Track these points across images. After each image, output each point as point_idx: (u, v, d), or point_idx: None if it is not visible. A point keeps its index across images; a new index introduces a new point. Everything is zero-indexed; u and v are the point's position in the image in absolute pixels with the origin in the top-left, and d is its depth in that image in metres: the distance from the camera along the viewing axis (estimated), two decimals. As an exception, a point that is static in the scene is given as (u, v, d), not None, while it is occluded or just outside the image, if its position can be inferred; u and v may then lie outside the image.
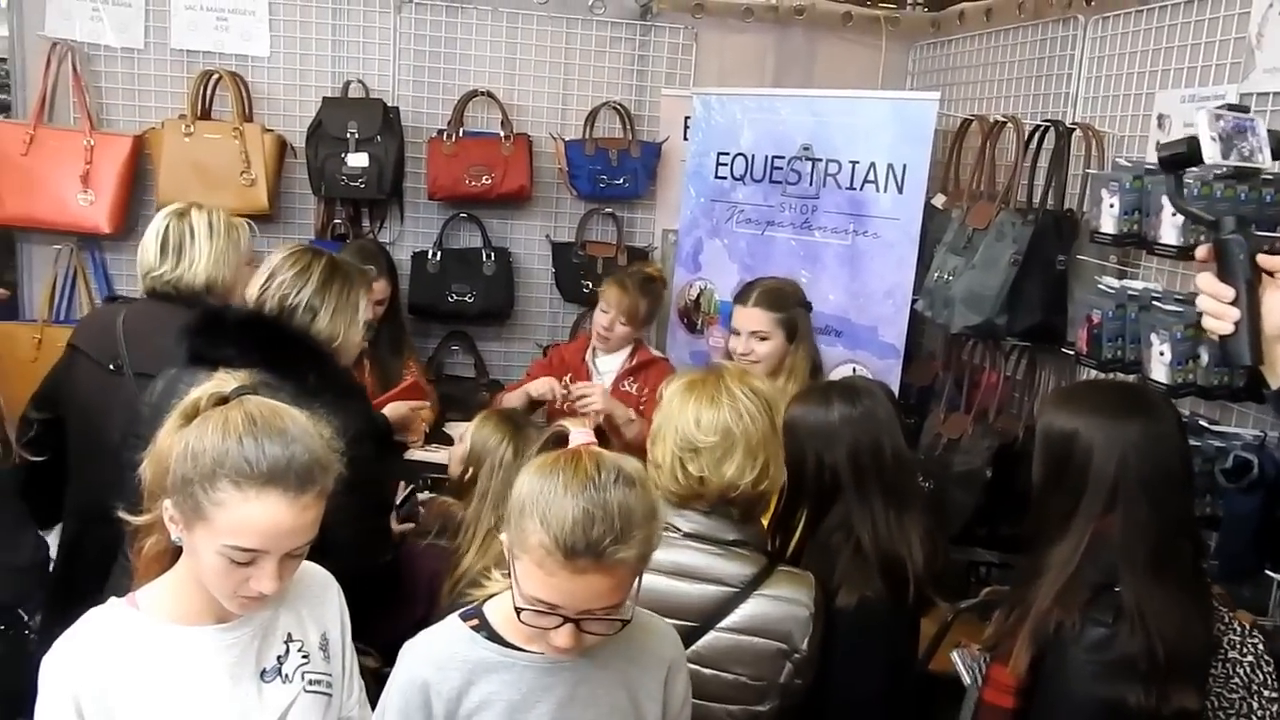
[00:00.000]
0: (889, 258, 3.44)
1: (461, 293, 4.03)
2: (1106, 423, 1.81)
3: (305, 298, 2.23)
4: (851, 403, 2.18)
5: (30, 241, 4.01)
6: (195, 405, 1.50)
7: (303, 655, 1.62)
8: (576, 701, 1.57)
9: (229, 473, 1.42)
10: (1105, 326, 2.56)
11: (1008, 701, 1.82)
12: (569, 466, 1.47)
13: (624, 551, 1.43)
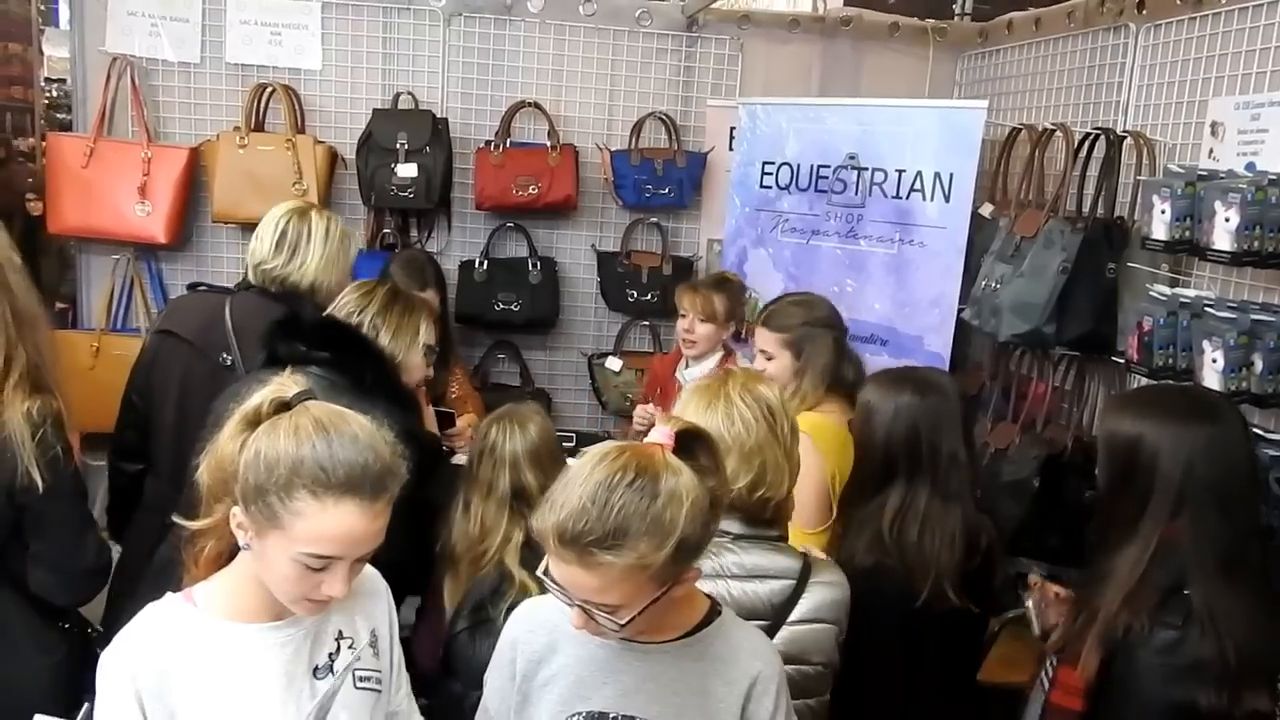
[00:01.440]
0: (935, 266, 3.43)
1: (508, 301, 4.06)
2: (1172, 427, 1.82)
3: (368, 317, 2.40)
4: (921, 394, 2.23)
5: (89, 252, 4.10)
6: (257, 411, 1.49)
7: (354, 653, 1.64)
8: (642, 693, 1.57)
9: (306, 482, 1.42)
10: (1156, 334, 2.53)
11: (1076, 704, 1.82)
12: (608, 458, 1.46)
13: (609, 556, 1.40)
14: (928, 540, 2.13)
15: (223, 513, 1.51)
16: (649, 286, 4.15)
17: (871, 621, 2.05)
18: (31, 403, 2.01)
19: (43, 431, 1.99)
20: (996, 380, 3.46)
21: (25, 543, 2.04)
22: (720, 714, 1.60)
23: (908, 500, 2.17)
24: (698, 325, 3.41)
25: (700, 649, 1.60)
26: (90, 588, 2.16)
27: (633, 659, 1.58)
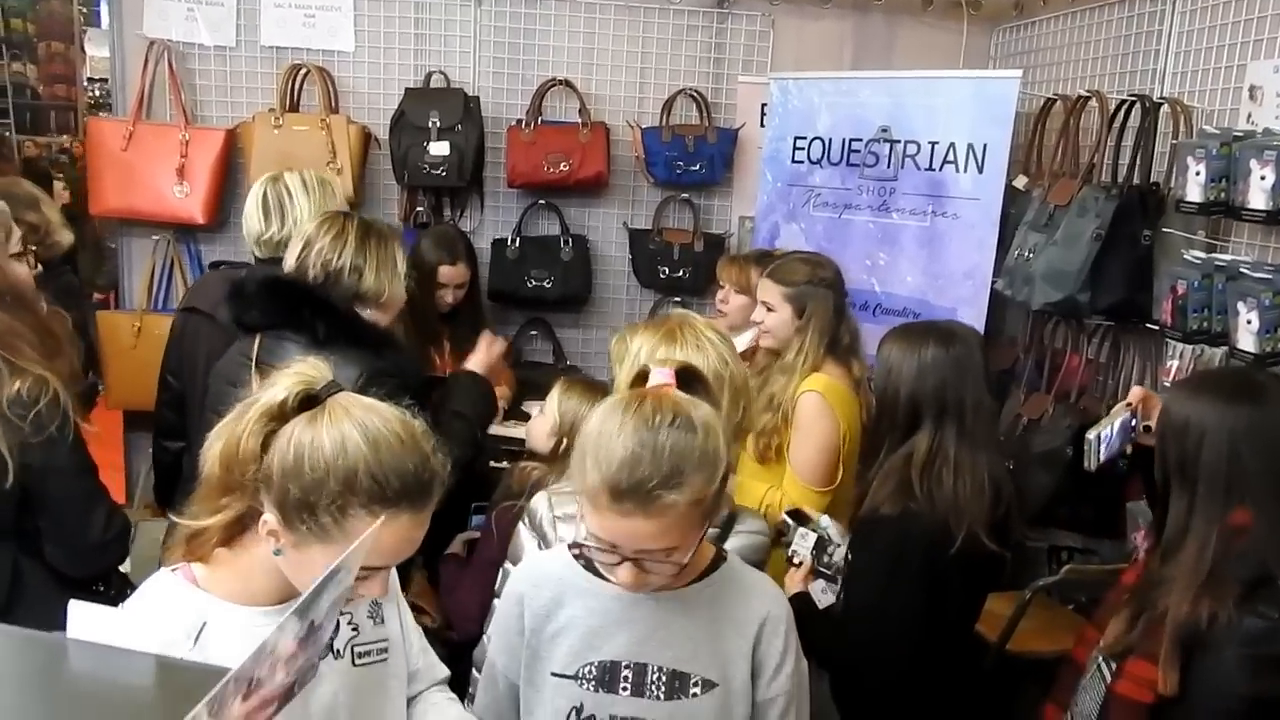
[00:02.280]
0: (969, 239, 3.39)
1: (540, 279, 4.08)
2: (1217, 409, 1.76)
3: (348, 259, 2.31)
4: (945, 346, 2.21)
5: (130, 234, 4.18)
6: (282, 407, 1.35)
7: (352, 628, 1.58)
8: (654, 639, 1.58)
9: (362, 500, 1.31)
10: (1191, 297, 2.50)
11: (1148, 697, 1.75)
12: (631, 406, 1.48)
13: (671, 495, 1.42)
14: (960, 487, 2.11)
15: (236, 510, 1.40)
16: (680, 263, 4.15)
17: (900, 569, 2.06)
18: (22, 383, 2.00)
19: (36, 411, 1.99)
20: (1030, 352, 3.42)
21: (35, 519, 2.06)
22: (732, 656, 1.61)
23: (935, 448, 2.15)
24: (732, 296, 3.40)
25: (710, 593, 1.61)
26: (101, 561, 2.15)
27: (644, 607, 1.59)
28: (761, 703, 1.63)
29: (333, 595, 0.87)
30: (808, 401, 2.67)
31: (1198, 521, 1.74)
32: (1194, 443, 1.76)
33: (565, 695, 1.60)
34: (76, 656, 0.96)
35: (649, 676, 1.59)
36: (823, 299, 2.77)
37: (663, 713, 1.59)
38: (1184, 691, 1.70)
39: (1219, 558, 1.70)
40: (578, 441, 1.52)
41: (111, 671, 0.94)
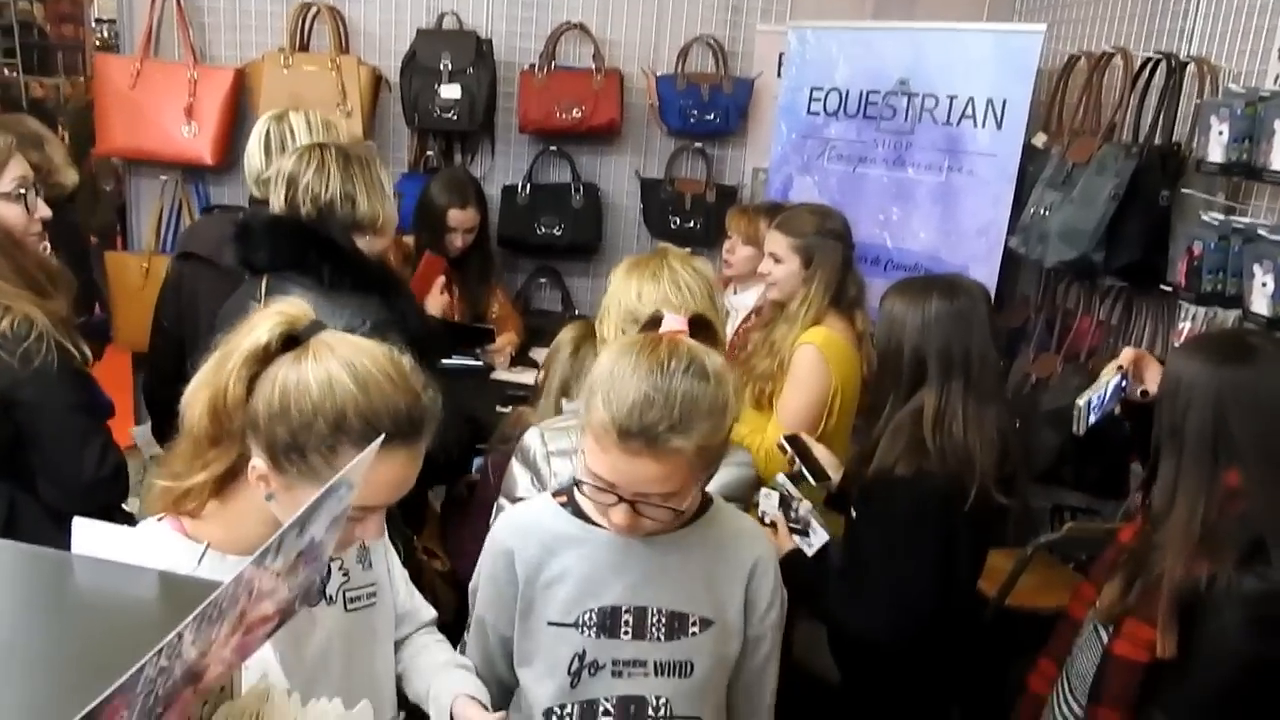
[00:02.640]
0: (984, 195, 3.36)
1: (550, 226, 4.06)
2: (1208, 370, 1.72)
3: (336, 189, 2.27)
4: (949, 299, 2.18)
5: (138, 174, 4.15)
6: (265, 349, 1.30)
7: (343, 573, 1.57)
8: (650, 584, 1.59)
9: (351, 437, 1.26)
10: (1206, 259, 2.47)
11: (1144, 657, 1.74)
12: (645, 349, 1.48)
13: (679, 440, 1.42)
14: (971, 441, 2.09)
15: (227, 461, 1.35)
16: (692, 214, 4.12)
17: (917, 531, 2.05)
18: (8, 320, 1.98)
19: (24, 347, 1.97)
20: (1041, 312, 3.40)
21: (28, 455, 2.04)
22: (726, 597, 1.64)
23: (944, 404, 2.12)
24: (738, 247, 3.38)
25: (700, 536, 1.62)
26: (94, 499, 2.09)
27: (640, 552, 1.59)
28: (752, 639, 1.68)
29: (332, 512, 0.86)
30: (803, 354, 2.67)
31: (1187, 483, 1.71)
32: (1183, 403, 1.73)
33: (567, 643, 1.60)
34: (81, 572, 0.96)
35: (649, 619, 1.60)
36: (830, 250, 2.75)
37: (664, 653, 1.60)
38: (1183, 653, 1.69)
39: (1213, 520, 1.68)
40: (588, 379, 1.52)
41: (116, 586, 0.94)
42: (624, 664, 1.59)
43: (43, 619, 0.91)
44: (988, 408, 2.14)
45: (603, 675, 1.59)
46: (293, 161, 2.31)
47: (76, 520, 0.95)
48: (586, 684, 1.60)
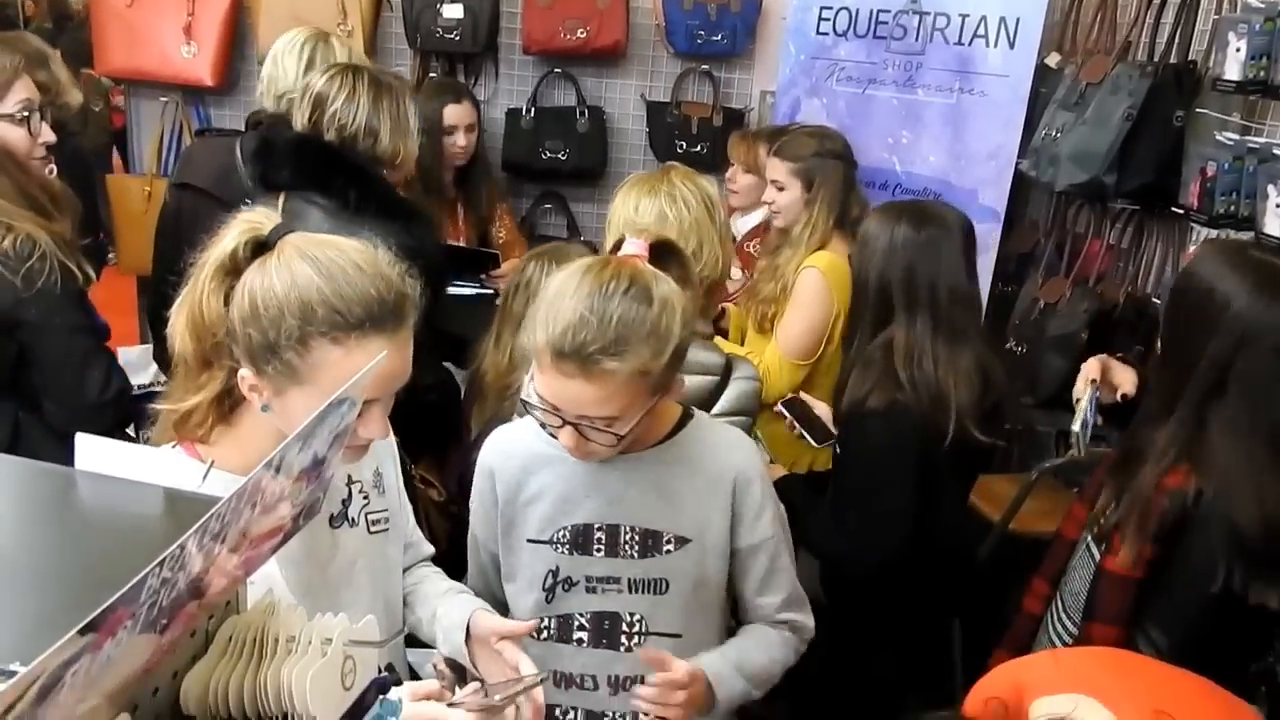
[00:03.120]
0: (995, 118, 3.30)
1: (555, 151, 4.01)
2: (1264, 298, 1.64)
3: (363, 121, 2.26)
4: (917, 227, 2.13)
5: (138, 95, 4.10)
6: (233, 258, 1.30)
7: (363, 496, 1.58)
8: (624, 501, 1.61)
9: (321, 328, 1.25)
10: (1220, 179, 2.44)
11: (1137, 573, 1.74)
12: (593, 271, 1.47)
13: (611, 363, 1.41)
14: (944, 379, 2.07)
15: (221, 380, 1.35)
16: (699, 138, 4.06)
17: (891, 462, 2.05)
18: (11, 240, 1.98)
19: (27, 267, 1.97)
20: (1050, 237, 3.36)
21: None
22: (704, 512, 1.63)
23: (914, 340, 2.10)
24: (739, 175, 3.34)
25: (678, 451, 1.62)
26: (98, 422, 2.05)
27: (612, 471, 1.61)
28: (744, 549, 1.66)
29: (334, 428, 0.86)
30: (806, 278, 2.66)
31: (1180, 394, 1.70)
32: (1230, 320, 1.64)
33: (542, 559, 1.64)
34: (86, 488, 0.97)
35: (621, 537, 1.62)
36: (831, 171, 2.72)
37: (638, 570, 1.63)
38: (1171, 567, 1.71)
39: (1196, 433, 1.68)
40: (537, 301, 1.51)
41: (120, 502, 0.94)
42: (597, 580, 1.63)
43: (47, 534, 0.92)
44: (961, 346, 2.10)
45: (577, 591, 1.63)
46: (324, 81, 2.28)
47: (80, 437, 0.96)
48: (561, 599, 1.64)
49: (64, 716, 0.68)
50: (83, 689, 0.67)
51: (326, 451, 0.88)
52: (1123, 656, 1.43)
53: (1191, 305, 1.71)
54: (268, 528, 0.86)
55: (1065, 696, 1.34)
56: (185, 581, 0.73)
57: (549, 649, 1.65)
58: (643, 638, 1.63)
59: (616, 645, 1.64)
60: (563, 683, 1.66)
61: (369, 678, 0.92)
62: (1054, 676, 1.42)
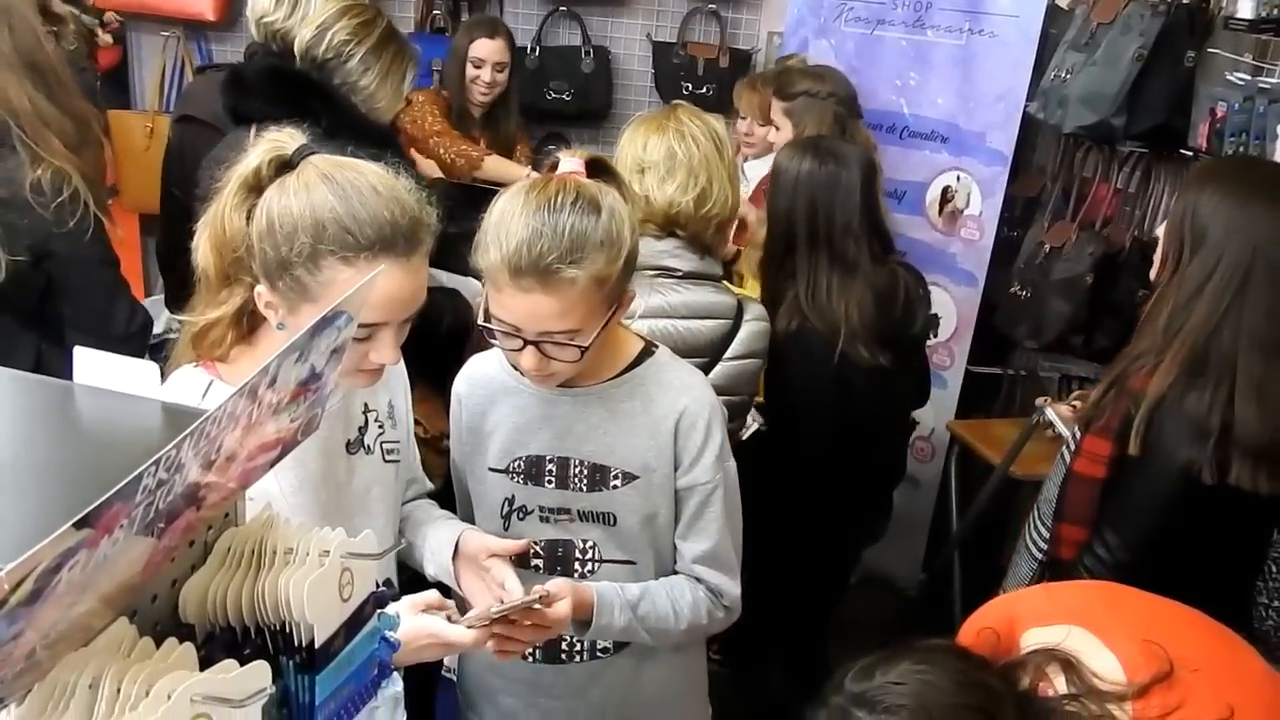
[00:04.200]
0: (1004, 59, 3.26)
1: (560, 91, 3.97)
2: (1253, 204, 1.72)
3: (362, 51, 2.26)
4: (819, 162, 2.28)
5: (139, 30, 4.06)
6: (257, 175, 1.32)
7: (379, 426, 1.60)
8: (573, 435, 1.62)
9: (333, 248, 1.27)
10: (1230, 120, 2.41)
11: (1099, 472, 1.82)
12: (535, 190, 1.47)
13: (570, 271, 1.41)
14: (838, 307, 2.23)
15: (241, 296, 1.37)
16: (705, 79, 4.02)
17: (805, 381, 2.17)
18: (43, 172, 1.99)
19: (59, 201, 1.99)
20: (1058, 180, 3.34)
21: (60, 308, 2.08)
22: (649, 450, 1.62)
23: (811, 275, 2.26)
24: (755, 128, 3.29)
25: (630, 388, 1.62)
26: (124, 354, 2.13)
27: (564, 404, 1.62)
28: (681, 491, 1.65)
29: (330, 342, 0.86)
30: None
31: (1204, 301, 1.73)
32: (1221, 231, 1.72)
33: (499, 488, 1.67)
34: (83, 401, 0.97)
35: (571, 470, 1.64)
36: (820, 111, 2.71)
37: (586, 503, 1.65)
38: (1128, 468, 1.77)
39: (1200, 337, 1.72)
40: (484, 222, 1.50)
41: (118, 416, 0.95)
42: (550, 510, 1.66)
43: (44, 446, 0.92)
44: (853, 275, 2.26)
45: (531, 520, 1.66)
46: (337, 9, 2.28)
47: (78, 350, 0.96)
48: (517, 527, 1.67)
49: (61, 616, 0.69)
50: (80, 589, 0.68)
51: (324, 367, 0.88)
52: (1115, 589, 1.44)
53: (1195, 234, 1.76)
54: (265, 440, 0.86)
55: (1057, 627, 1.35)
56: (182, 486, 0.74)
57: None
58: (596, 564, 1.66)
59: (570, 572, 1.66)
60: None
61: (367, 590, 0.92)
62: (1046, 608, 1.43)
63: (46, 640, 0.70)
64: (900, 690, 1.18)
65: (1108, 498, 1.82)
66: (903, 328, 2.36)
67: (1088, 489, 1.84)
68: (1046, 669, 1.30)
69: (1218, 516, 1.75)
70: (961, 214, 3.40)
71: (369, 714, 0.96)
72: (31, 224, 2.00)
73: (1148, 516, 1.77)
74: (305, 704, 0.87)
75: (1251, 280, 1.71)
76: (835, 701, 1.20)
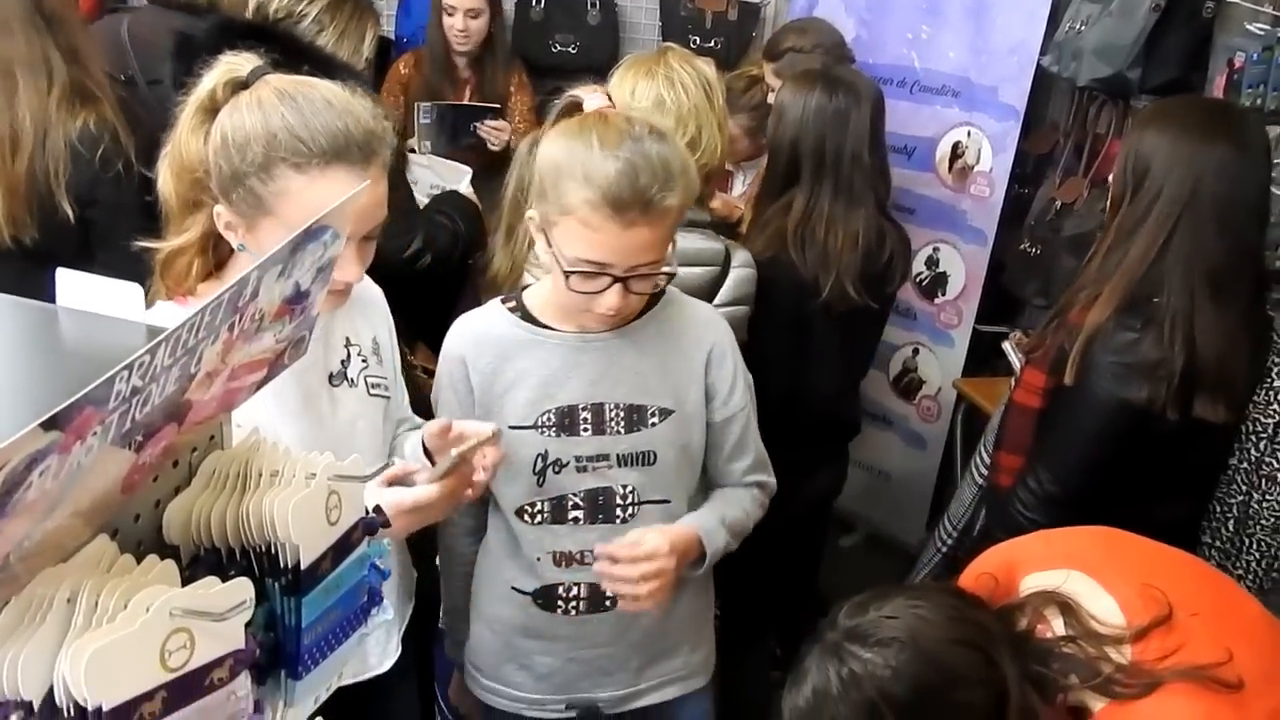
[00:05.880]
0: (1018, 11, 3.20)
1: (565, 44, 3.92)
2: (1189, 141, 1.76)
3: (315, 11, 2.23)
4: (829, 95, 2.26)
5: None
6: (211, 96, 1.33)
7: (361, 360, 1.60)
8: (608, 378, 1.61)
9: (284, 155, 1.28)
10: (1248, 71, 2.37)
11: (1035, 402, 1.90)
12: (599, 126, 1.46)
13: (670, 199, 1.45)
14: (831, 240, 2.21)
15: (203, 223, 1.38)
16: (713, 32, 3.95)
17: (766, 313, 2.14)
18: (87, 115, 1.99)
19: (102, 148, 1.99)
20: (1070, 137, 3.29)
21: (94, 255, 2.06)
22: (683, 382, 1.66)
23: (812, 204, 2.24)
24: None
25: (655, 328, 1.63)
26: None
27: (592, 350, 1.61)
28: (719, 423, 1.70)
29: (316, 259, 0.84)
30: None
31: (1140, 238, 1.77)
32: (1160, 169, 1.76)
33: (528, 445, 1.62)
34: (67, 324, 0.95)
35: (607, 414, 1.63)
36: (805, 65, 2.69)
37: (625, 445, 1.64)
38: (1063, 397, 1.82)
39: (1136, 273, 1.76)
40: (542, 171, 1.49)
41: (103, 337, 0.93)
42: (587, 459, 1.63)
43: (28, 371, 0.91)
44: (855, 208, 2.24)
45: (568, 471, 1.63)
46: None
47: (61, 272, 0.94)
48: (553, 481, 1.64)
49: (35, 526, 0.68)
50: (53, 499, 0.67)
51: (310, 285, 0.86)
52: (1113, 535, 1.43)
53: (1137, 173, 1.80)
54: (250, 359, 0.84)
55: (1055, 571, 1.35)
56: (160, 399, 0.72)
57: (546, 531, 1.66)
58: (636, 507, 1.66)
59: (612, 518, 1.65)
60: (563, 561, 1.67)
61: (355, 516, 0.91)
62: (1044, 553, 1.43)
63: (21, 552, 0.68)
64: (893, 624, 1.17)
65: (1042, 431, 1.88)
66: (881, 282, 2.34)
67: (1025, 418, 1.91)
68: (1044, 611, 1.30)
69: (1151, 450, 1.78)
70: (972, 170, 3.35)
71: (359, 640, 0.94)
72: (77, 173, 2.00)
73: (1076, 450, 1.82)
74: (292, 626, 0.86)
75: (1192, 213, 1.73)
76: (829, 637, 1.20)
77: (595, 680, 1.74)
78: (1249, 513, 1.95)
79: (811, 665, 1.18)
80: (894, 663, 1.14)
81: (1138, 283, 1.75)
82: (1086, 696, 1.23)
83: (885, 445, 3.63)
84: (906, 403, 3.59)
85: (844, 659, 1.16)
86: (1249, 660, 1.23)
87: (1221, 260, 1.73)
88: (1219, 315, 1.72)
